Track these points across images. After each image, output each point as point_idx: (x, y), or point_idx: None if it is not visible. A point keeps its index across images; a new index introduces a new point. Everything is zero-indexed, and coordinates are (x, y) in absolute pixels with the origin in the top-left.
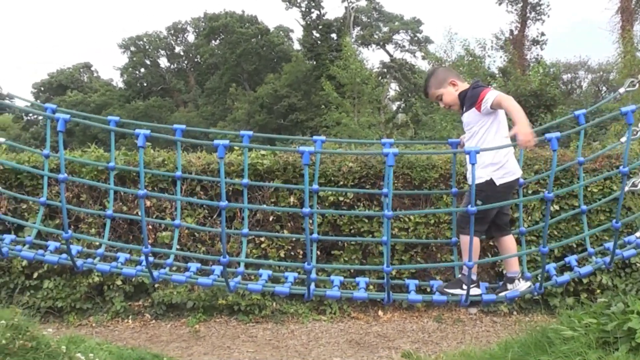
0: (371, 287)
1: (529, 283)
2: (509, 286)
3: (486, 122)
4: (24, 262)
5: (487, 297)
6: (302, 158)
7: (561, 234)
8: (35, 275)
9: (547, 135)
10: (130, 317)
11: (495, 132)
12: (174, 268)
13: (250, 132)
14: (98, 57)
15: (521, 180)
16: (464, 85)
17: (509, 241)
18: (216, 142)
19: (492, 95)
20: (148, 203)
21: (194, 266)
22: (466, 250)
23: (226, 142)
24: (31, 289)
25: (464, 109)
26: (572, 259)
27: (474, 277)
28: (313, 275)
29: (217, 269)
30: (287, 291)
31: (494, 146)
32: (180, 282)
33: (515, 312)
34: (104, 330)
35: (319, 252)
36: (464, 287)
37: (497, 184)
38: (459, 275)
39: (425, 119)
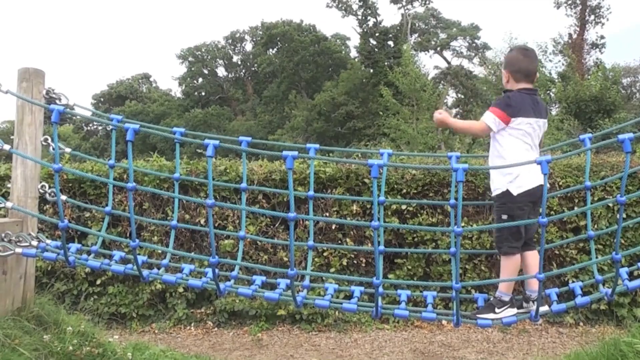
0: (437, 300)
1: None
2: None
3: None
4: (87, 269)
5: (556, 307)
6: (371, 171)
7: (628, 242)
8: (98, 282)
9: (620, 137)
10: (192, 324)
11: (511, 140)
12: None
13: (317, 145)
14: (156, 67)
15: (588, 184)
16: (512, 85)
17: (531, 257)
18: (285, 153)
19: (485, 116)
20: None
21: (259, 279)
22: (504, 270)
23: (295, 153)
24: (94, 295)
25: None
26: None
27: (506, 299)
28: (380, 289)
29: (283, 282)
30: (355, 308)
31: (510, 155)
32: (247, 295)
33: (581, 323)
34: (166, 337)
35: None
36: (497, 310)
37: (515, 194)
38: (491, 299)
39: None
